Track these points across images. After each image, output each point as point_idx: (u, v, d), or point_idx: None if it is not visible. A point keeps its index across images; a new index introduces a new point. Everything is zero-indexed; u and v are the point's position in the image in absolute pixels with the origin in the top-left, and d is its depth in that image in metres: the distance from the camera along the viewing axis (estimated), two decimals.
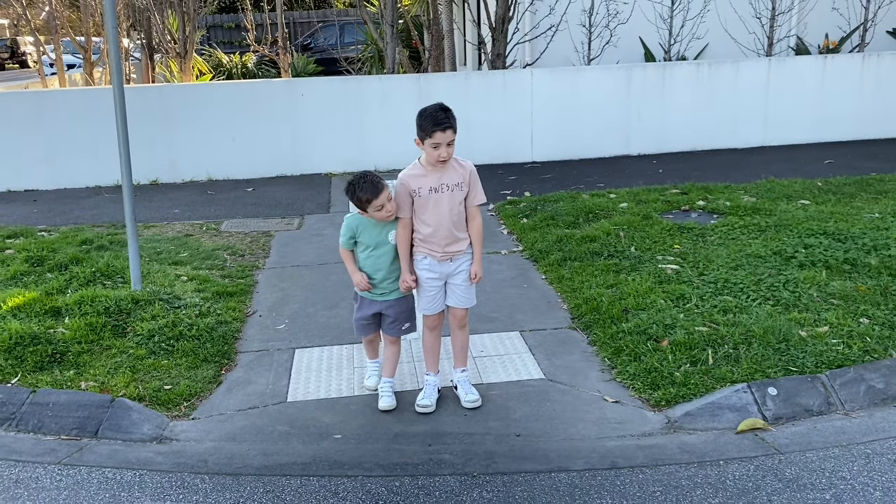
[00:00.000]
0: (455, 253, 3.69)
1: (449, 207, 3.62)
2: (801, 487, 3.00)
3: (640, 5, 9.78)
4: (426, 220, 3.63)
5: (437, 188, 3.60)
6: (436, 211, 3.60)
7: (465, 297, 3.77)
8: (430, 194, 3.60)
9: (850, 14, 10.38)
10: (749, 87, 9.41)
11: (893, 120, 9.61)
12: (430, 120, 3.43)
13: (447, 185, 3.60)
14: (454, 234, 3.66)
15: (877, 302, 4.54)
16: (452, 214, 3.63)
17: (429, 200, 3.60)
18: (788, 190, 7.25)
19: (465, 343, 3.90)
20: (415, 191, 3.60)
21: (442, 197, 3.60)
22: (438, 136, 3.43)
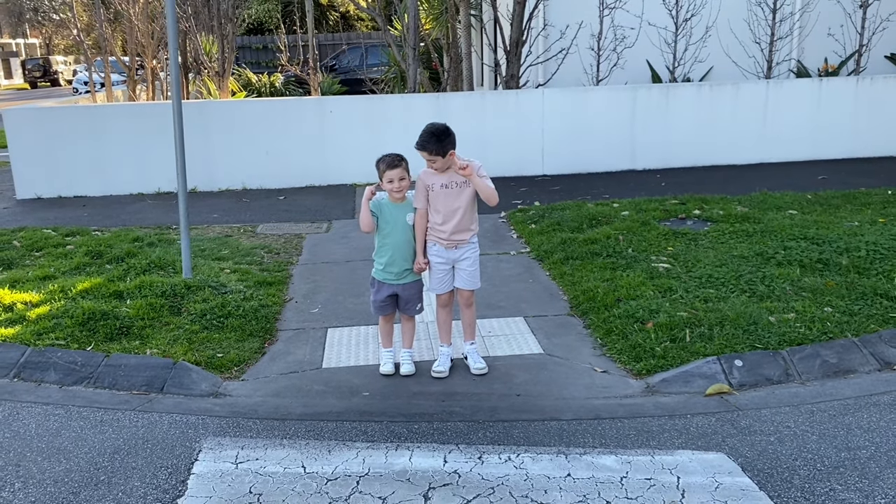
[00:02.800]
0: (460, 241, 4.31)
1: (457, 200, 4.25)
2: (752, 433, 3.60)
3: (646, 30, 10.45)
4: (438, 208, 4.28)
5: (447, 185, 4.26)
6: (446, 203, 4.25)
7: (470, 280, 4.39)
8: (441, 189, 4.26)
9: (845, 40, 10.98)
10: (748, 107, 10.02)
11: (885, 138, 10.17)
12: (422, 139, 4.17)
13: (456, 183, 4.26)
14: (461, 224, 4.28)
15: (842, 294, 5.12)
16: (460, 206, 4.25)
17: (440, 194, 4.26)
18: (779, 202, 7.83)
19: (471, 319, 4.50)
20: (429, 185, 4.27)
21: (451, 192, 4.25)
22: (423, 155, 4.20)
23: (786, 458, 3.34)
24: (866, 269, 5.54)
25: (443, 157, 4.15)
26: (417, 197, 4.31)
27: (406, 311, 4.47)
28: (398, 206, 4.30)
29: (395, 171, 4.18)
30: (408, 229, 4.31)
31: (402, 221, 4.30)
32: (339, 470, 3.30)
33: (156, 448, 3.55)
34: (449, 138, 4.19)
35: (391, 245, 4.31)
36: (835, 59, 11.60)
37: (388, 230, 4.30)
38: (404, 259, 4.33)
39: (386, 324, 4.52)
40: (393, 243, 4.30)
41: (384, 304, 4.41)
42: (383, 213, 4.29)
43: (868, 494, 3.04)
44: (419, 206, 4.30)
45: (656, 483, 3.14)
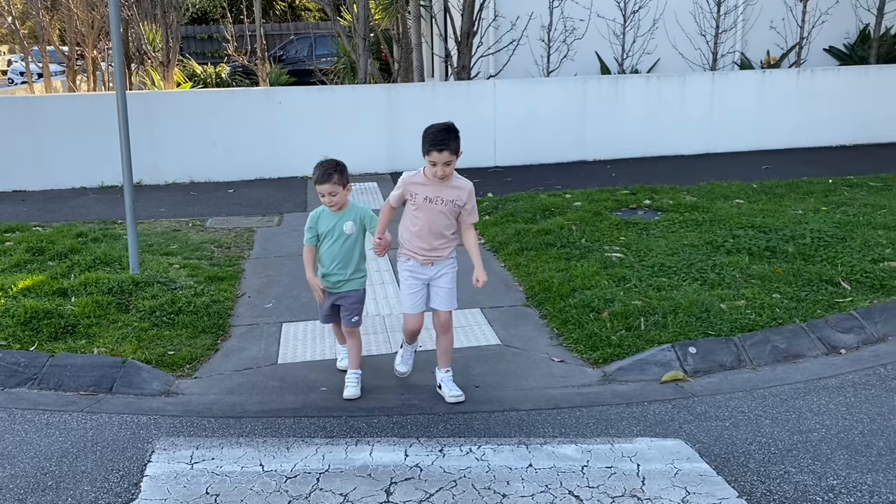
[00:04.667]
0: (436, 258, 3.84)
1: (438, 218, 3.77)
2: (708, 418, 3.66)
3: (595, 22, 10.53)
4: (417, 220, 3.79)
5: (432, 199, 3.75)
6: (426, 217, 3.77)
7: (447, 300, 3.90)
8: (424, 203, 3.76)
9: (786, 32, 11.25)
10: (694, 98, 10.20)
11: (825, 129, 10.47)
12: (429, 140, 3.61)
13: (442, 199, 3.75)
14: (438, 241, 3.81)
15: (789, 281, 5.25)
16: (440, 225, 3.78)
17: (422, 207, 3.77)
18: (726, 191, 7.99)
19: (448, 345, 4.03)
20: (412, 194, 3.78)
21: (434, 207, 3.76)
22: (434, 156, 3.60)
23: (741, 443, 3.40)
24: (811, 255, 5.69)
25: (457, 157, 3.67)
26: (394, 196, 3.87)
27: (344, 320, 4.09)
28: (336, 214, 3.97)
29: (323, 187, 3.85)
30: (345, 239, 3.98)
31: (339, 231, 3.97)
32: (299, 467, 3.25)
33: (106, 450, 3.43)
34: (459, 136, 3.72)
35: (328, 254, 4.00)
36: (777, 51, 11.88)
37: (326, 241, 4.00)
38: (342, 267, 4.00)
39: (337, 327, 4.28)
40: (330, 253, 3.99)
41: (329, 314, 4.15)
42: (321, 223, 3.99)
43: (821, 476, 3.12)
44: (393, 203, 3.89)
45: (617, 471, 3.17)
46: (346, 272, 4.02)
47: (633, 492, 3.01)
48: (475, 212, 3.89)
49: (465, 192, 3.79)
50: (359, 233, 4.01)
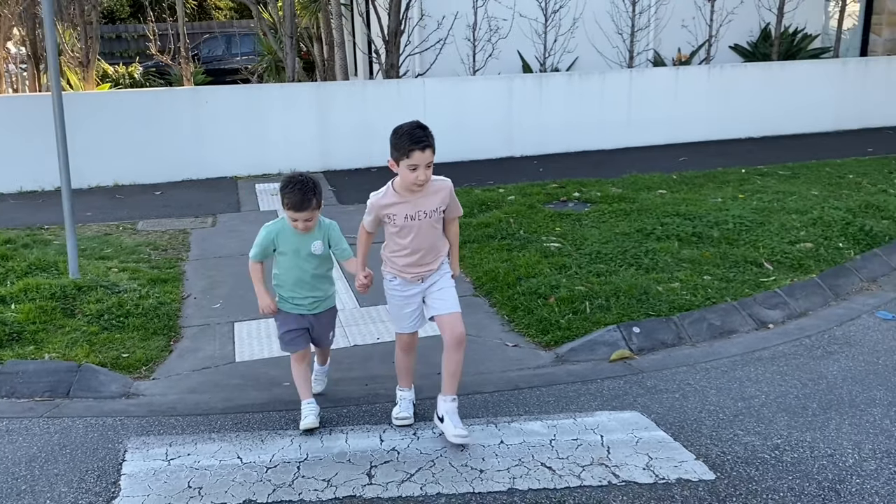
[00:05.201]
0: (426, 273, 3.42)
1: (428, 235, 3.34)
2: (658, 391, 3.92)
3: (518, 22, 10.82)
4: (404, 244, 3.34)
5: (413, 215, 3.26)
6: (415, 237, 3.32)
7: (448, 301, 3.40)
8: (405, 222, 3.28)
9: (696, 31, 11.86)
10: (614, 95, 10.63)
11: (735, 123, 11.10)
12: (406, 138, 3.11)
13: (425, 213, 3.28)
14: (430, 258, 3.41)
15: (717, 263, 5.62)
16: (432, 240, 3.37)
17: (404, 228, 3.30)
18: (649, 182, 8.39)
19: (458, 366, 3.40)
20: (388, 216, 3.30)
21: (420, 225, 3.29)
22: (416, 157, 3.10)
23: (692, 412, 3.67)
24: (735, 239, 6.10)
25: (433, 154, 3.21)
26: (367, 220, 3.42)
27: (322, 342, 3.80)
28: (301, 234, 3.50)
29: (301, 214, 3.37)
30: (312, 259, 3.53)
31: (305, 251, 3.51)
32: (277, 458, 3.31)
33: (76, 453, 3.40)
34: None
35: (292, 275, 3.55)
36: (688, 49, 12.49)
37: (286, 258, 3.53)
38: (311, 289, 3.59)
39: (301, 364, 3.67)
40: (294, 275, 3.55)
41: (295, 335, 3.61)
42: (283, 242, 3.51)
43: (766, 436, 3.41)
44: (369, 228, 3.45)
45: (583, 442, 3.37)
46: (323, 291, 3.64)
47: (600, 460, 3.22)
48: (458, 204, 3.49)
49: (446, 191, 3.36)
50: (326, 248, 3.58)
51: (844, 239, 6.09)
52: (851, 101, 11.64)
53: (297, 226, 3.42)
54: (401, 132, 3.16)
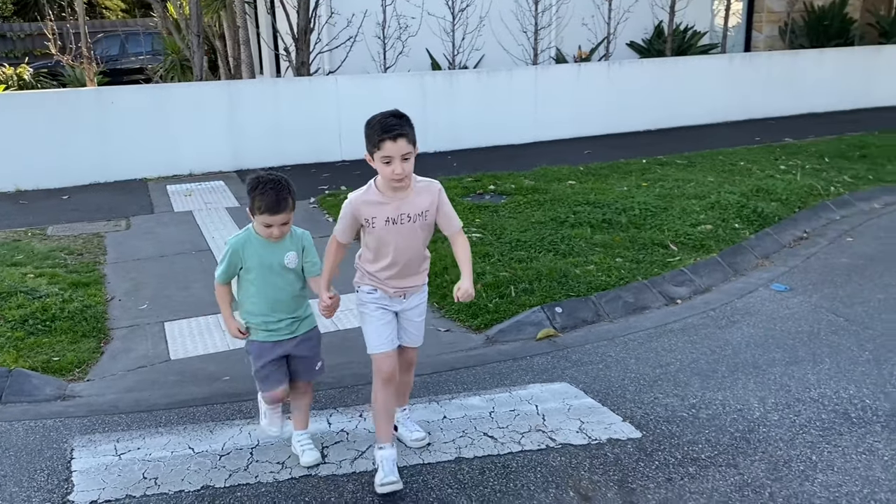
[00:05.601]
0: (410, 288, 3.09)
1: (412, 241, 2.97)
2: (583, 364, 4.22)
3: (427, 20, 11.03)
4: (382, 253, 2.97)
5: (395, 219, 2.90)
6: (394, 246, 2.95)
7: (417, 334, 3.22)
8: (386, 226, 2.91)
9: (596, 29, 12.41)
10: (521, 91, 11.01)
11: (634, 116, 11.70)
12: (377, 128, 2.81)
13: (408, 216, 2.91)
14: (413, 269, 3.05)
15: (627, 247, 6.00)
16: (416, 249, 3.01)
17: (385, 234, 2.93)
18: (559, 174, 8.78)
19: (409, 385, 3.44)
20: (368, 221, 2.93)
21: (401, 230, 2.92)
22: (389, 148, 2.78)
23: (615, 380, 3.99)
24: (642, 224, 6.52)
25: (415, 151, 2.88)
26: (342, 226, 3.00)
27: (305, 374, 3.22)
28: (272, 245, 3.04)
29: (276, 217, 2.94)
30: (286, 274, 3.07)
31: (277, 264, 3.05)
32: (229, 445, 3.40)
33: (21, 454, 3.38)
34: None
35: (264, 295, 3.06)
36: (588, 46, 13.04)
37: (255, 275, 3.05)
38: (287, 309, 3.10)
39: (276, 406, 3.24)
40: (267, 294, 3.06)
41: (272, 370, 3.12)
42: (251, 257, 3.03)
43: (683, 397, 3.76)
44: (342, 238, 3.02)
45: (520, 412, 3.62)
46: (303, 310, 3.17)
47: (537, 427, 3.47)
48: (455, 214, 3.07)
49: (434, 194, 2.98)
50: (300, 262, 3.12)
51: (739, 220, 6.62)
52: (738, 93, 12.47)
53: (272, 233, 2.96)
54: (372, 122, 2.86)
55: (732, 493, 2.96)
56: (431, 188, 3.00)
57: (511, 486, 3.04)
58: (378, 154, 2.84)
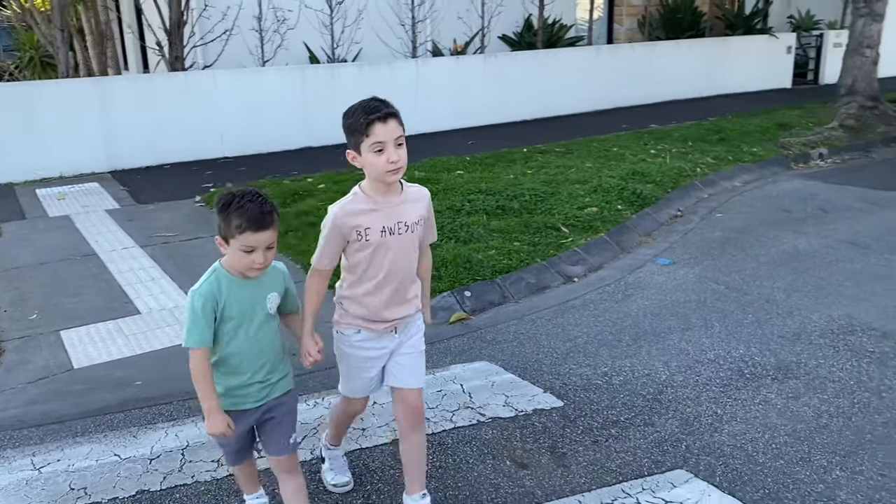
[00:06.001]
0: (401, 320, 2.59)
1: (408, 256, 2.54)
2: (498, 343, 4.41)
3: (305, 13, 10.90)
4: (372, 272, 2.49)
5: (391, 228, 2.46)
6: (392, 261, 2.49)
7: (416, 370, 2.65)
8: (382, 238, 2.45)
9: (471, 22, 12.70)
10: (402, 84, 11.13)
11: (511, 106, 12.10)
12: (360, 113, 2.38)
13: (405, 224, 2.48)
14: (404, 293, 2.57)
15: (522, 231, 6.26)
16: (410, 266, 2.57)
17: (380, 247, 2.46)
18: (447, 165, 8.96)
19: (423, 451, 2.69)
20: (360, 234, 2.43)
21: (399, 241, 2.49)
22: (380, 132, 2.34)
23: (531, 356, 4.19)
24: (533, 209, 6.81)
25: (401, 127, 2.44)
26: (325, 251, 2.49)
27: (278, 447, 2.54)
28: (250, 284, 2.39)
29: (261, 236, 2.30)
30: (270, 322, 2.46)
31: (260, 311, 2.42)
32: (158, 448, 3.32)
33: None
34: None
35: (247, 352, 2.41)
36: (463, 40, 13.31)
37: (234, 329, 2.39)
38: (267, 368, 2.47)
39: (246, 468, 2.75)
40: (250, 350, 2.42)
41: (242, 444, 2.60)
42: (230, 304, 2.36)
43: (595, 367, 4.01)
44: (324, 265, 2.52)
45: (447, 392, 3.75)
46: (276, 369, 2.52)
47: (465, 404, 3.61)
48: (434, 226, 2.71)
49: (425, 201, 2.59)
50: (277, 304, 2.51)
51: (621, 202, 7.05)
52: (606, 83, 13.15)
53: (255, 261, 2.31)
54: (351, 110, 2.43)
55: (653, 448, 3.22)
56: (423, 195, 2.60)
57: (450, 462, 3.16)
58: (367, 143, 2.37)
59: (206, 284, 2.37)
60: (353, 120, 2.43)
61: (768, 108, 12.53)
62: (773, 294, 4.98)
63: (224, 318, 2.37)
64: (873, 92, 11.48)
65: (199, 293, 2.34)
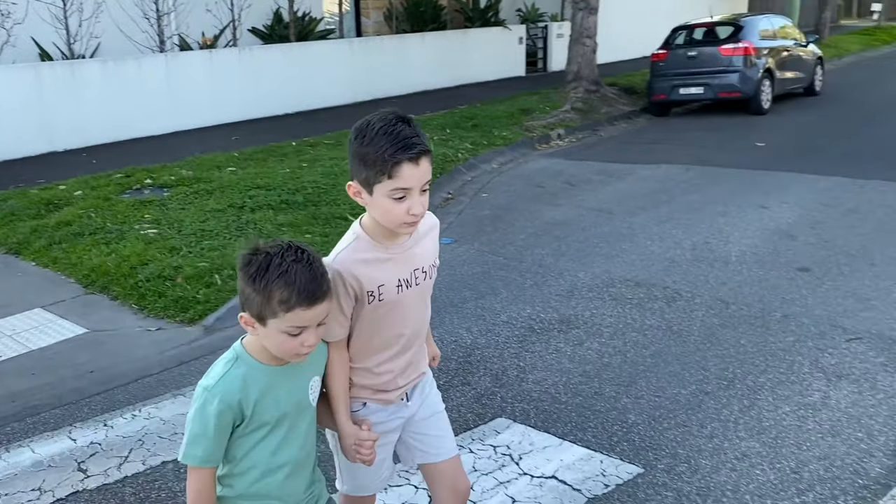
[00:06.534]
0: (417, 380, 2.09)
1: (423, 307, 2.05)
2: None
3: (35, 6, 9.88)
4: (390, 336, 1.97)
5: (408, 280, 1.94)
6: (403, 321, 1.97)
7: (447, 434, 2.15)
8: (399, 294, 1.93)
9: (221, 15, 12.33)
10: (153, 80, 10.57)
11: (269, 100, 11.99)
12: (387, 144, 1.77)
13: (422, 270, 1.97)
14: (422, 347, 2.11)
15: (311, 223, 6.38)
16: (425, 317, 2.08)
17: (396, 308, 1.94)
18: (216, 161, 8.74)
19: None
20: (372, 293, 1.89)
21: (418, 293, 1.98)
22: (407, 175, 1.78)
23: None
24: (318, 201, 6.94)
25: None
26: (342, 320, 1.88)
27: None
28: (287, 371, 1.79)
29: (318, 309, 1.70)
30: (308, 413, 1.86)
31: (302, 402, 1.83)
32: None
33: None
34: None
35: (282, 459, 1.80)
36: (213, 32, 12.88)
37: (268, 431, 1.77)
38: (304, 474, 1.88)
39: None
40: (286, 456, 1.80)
41: None
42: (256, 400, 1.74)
43: None
44: (341, 334, 1.90)
45: None
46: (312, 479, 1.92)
47: None
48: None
49: (437, 230, 2.07)
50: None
51: None
52: (362, 75, 13.50)
53: (304, 344, 1.71)
54: (371, 135, 1.80)
55: (473, 403, 3.58)
56: (434, 223, 2.05)
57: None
58: (386, 185, 1.79)
59: (224, 382, 1.71)
60: (371, 150, 1.79)
61: (510, 95, 13.68)
62: (545, 259, 5.62)
63: (252, 425, 1.73)
64: (595, 77, 13.04)
65: (215, 394, 1.69)
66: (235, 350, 1.78)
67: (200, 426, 1.69)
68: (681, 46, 12.43)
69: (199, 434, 1.69)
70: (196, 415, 1.70)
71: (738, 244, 5.69)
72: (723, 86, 11.64)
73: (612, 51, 16.69)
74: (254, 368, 1.75)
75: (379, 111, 1.86)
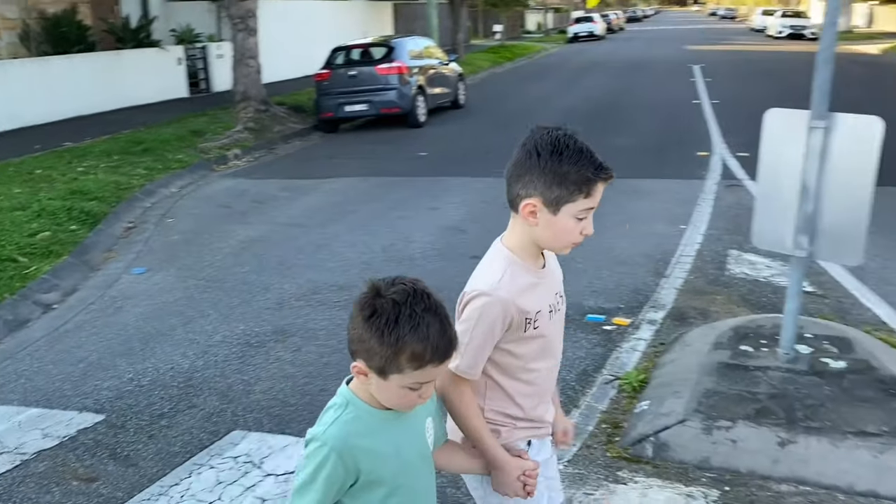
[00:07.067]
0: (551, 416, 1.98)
1: (561, 331, 1.92)
2: (1, 384, 4.13)
3: None
4: (540, 367, 1.85)
5: (554, 305, 1.84)
6: (552, 348, 1.87)
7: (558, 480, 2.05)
8: (549, 322, 1.82)
9: None
10: None
11: None
12: (589, 162, 1.70)
13: (561, 295, 1.89)
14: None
15: None
16: (561, 346, 1.94)
17: (548, 328, 1.82)
18: None
19: None
20: (529, 320, 1.77)
21: (559, 319, 1.88)
22: (598, 195, 1.73)
23: (46, 386, 4.06)
24: None
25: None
26: (483, 352, 1.75)
27: None
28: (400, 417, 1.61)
29: (446, 364, 1.56)
30: (427, 462, 1.68)
31: (423, 449, 1.67)
32: None
33: None
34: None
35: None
36: None
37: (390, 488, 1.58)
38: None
39: None
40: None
41: None
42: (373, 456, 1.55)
43: (119, 377, 4.12)
44: (478, 372, 1.77)
45: None
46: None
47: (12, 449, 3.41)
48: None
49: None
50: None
51: (74, 222, 6.90)
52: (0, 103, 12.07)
53: (422, 396, 1.57)
54: (570, 150, 1.70)
55: (204, 423, 3.61)
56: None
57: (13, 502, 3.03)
58: (578, 205, 1.71)
59: (338, 426, 1.53)
60: (574, 169, 1.69)
61: (177, 117, 13.24)
62: (247, 276, 5.73)
63: (370, 482, 1.55)
64: (263, 97, 13.24)
65: (328, 442, 1.51)
66: (345, 396, 1.60)
67: (310, 480, 1.51)
68: (341, 66, 13.17)
69: (310, 490, 1.51)
70: (311, 469, 1.52)
71: (420, 242, 6.37)
72: (383, 102, 12.62)
73: (276, 70, 17.00)
74: (370, 416, 1.56)
75: (555, 128, 1.74)
